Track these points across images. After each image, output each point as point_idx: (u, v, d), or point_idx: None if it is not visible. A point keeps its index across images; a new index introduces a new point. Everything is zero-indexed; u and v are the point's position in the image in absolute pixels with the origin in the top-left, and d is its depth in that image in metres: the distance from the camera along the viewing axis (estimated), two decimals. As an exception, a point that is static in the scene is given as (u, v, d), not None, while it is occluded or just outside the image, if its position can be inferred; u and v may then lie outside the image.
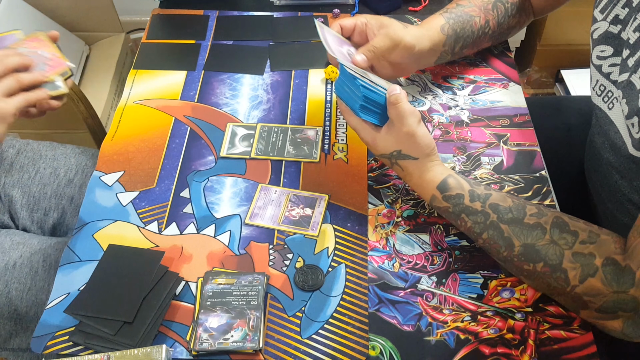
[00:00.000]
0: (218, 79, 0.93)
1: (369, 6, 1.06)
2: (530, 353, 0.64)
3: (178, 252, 0.72)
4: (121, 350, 0.60)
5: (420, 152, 0.68)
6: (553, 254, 0.61)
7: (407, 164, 0.69)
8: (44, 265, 0.75)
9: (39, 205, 0.87)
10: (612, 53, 0.70)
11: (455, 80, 0.92)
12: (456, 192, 0.67)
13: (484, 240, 0.66)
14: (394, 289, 0.69)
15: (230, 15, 1.04)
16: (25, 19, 1.58)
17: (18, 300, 0.74)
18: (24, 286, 0.74)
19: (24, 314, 0.74)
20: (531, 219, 0.63)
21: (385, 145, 0.69)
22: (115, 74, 1.71)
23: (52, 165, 0.89)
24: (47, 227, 0.87)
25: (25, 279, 0.75)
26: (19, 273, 0.75)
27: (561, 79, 1.79)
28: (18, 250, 0.77)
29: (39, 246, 0.77)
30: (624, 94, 0.65)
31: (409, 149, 0.68)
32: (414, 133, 0.67)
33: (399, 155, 0.69)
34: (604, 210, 0.81)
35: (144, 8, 1.77)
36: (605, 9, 0.71)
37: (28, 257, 0.76)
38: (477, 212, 0.66)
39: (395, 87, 0.67)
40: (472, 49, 0.89)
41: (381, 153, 0.71)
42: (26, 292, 0.74)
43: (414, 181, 0.70)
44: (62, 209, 0.88)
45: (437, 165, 0.69)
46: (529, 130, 0.85)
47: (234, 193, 0.78)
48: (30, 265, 0.75)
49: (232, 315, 0.64)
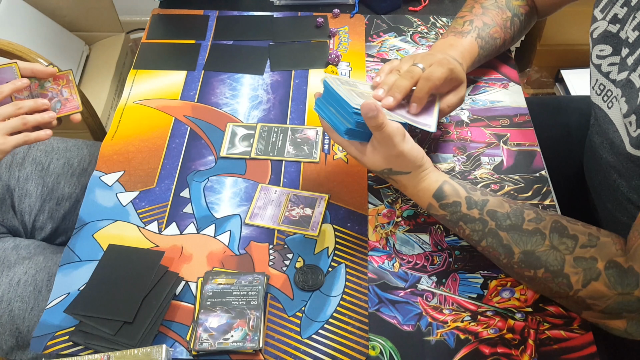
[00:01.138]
0: (218, 79, 0.93)
1: (369, 6, 1.06)
2: (530, 353, 0.64)
3: (178, 252, 0.72)
4: (121, 350, 0.60)
5: (411, 166, 0.66)
6: (554, 260, 0.61)
7: (400, 178, 0.68)
8: (47, 285, 0.75)
9: (53, 194, 0.87)
10: (611, 52, 0.70)
11: (455, 80, 0.92)
12: (453, 200, 0.66)
13: (483, 248, 0.66)
14: (394, 289, 0.69)
15: (230, 15, 1.04)
16: (25, 19, 1.58)
17: (20, 320, 0.74)
18: (26, 305, 0.74)
19: (26, 332, 0.74)
20: (530, 224, 0.63)
21: (374, 164, 0.67)
22: (115, 74, 1.71)
23: (65, 156, 0.91)
24: (58, 217, 0.88)
25: (29, 297, 0.75)
26: (23, 291, 0.75)
27: (561, 79, 1.79)
28: (23, 266, 0.77)
29: (44, 264, 0.77)
30: (623, 92, 0.65)
31: (399, 166, 0.66)
32: (401, 153, 0.64)
33: (390, 172, 0.67)
34: (603, 210, 0.81)
35: (144, 8, 1.77)
36: (605, 8, 0.71)
37: (33, 275, 0.76)
38: (475, 220, 0.65)
39: (371, 105, 0.60)
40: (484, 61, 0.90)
41: (372, 169, 0.68)
42: (29, 312, 0.74)
43: (409, 192, 0.69)
44: (76, 197, 0.88)
45: (431, 172, 0.67)
46: (529, 130, 0.85)
47: (234, 193, 0.78)
48: (34, 283, 0.75)
49: (232, 315, 0.64)
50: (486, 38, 0.84)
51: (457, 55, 0.78)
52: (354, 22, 1.03)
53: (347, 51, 0.97)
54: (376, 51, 0.98)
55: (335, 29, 1.01)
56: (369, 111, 0.60)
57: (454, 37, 0.82)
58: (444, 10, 1.06)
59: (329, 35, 1.00)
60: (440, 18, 1.03)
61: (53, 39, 1.64)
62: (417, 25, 1.02)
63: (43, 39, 1.60)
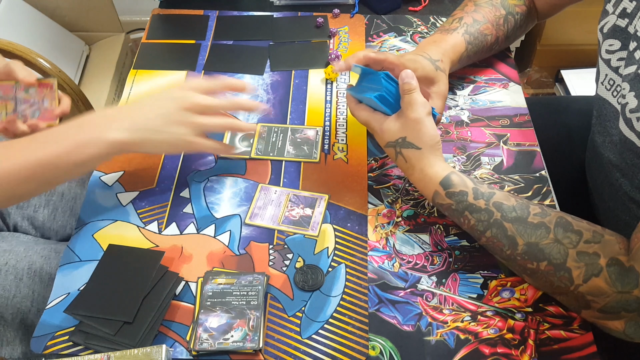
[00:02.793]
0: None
1: (369, 6, 1.06)
2: (530, 353, 0.64)
3: (178, 252, 0.72)
4: (121, 350, 0.60)
5: (425, 143, 0.68)
6: (557, 253, 0.61)
7: (411, 154, 0.69)
8: (28, 272, 0.76)
9: (52, 193, 0.87)
10: (620, 47, 0.70)
11: (455, 80, 0.92)
12: (460, 189, 0.67)
13: (487, 239, 0.66)
14: (394, 289, 0.69)
15: (230, 15, 1.04)
16: (26, 19, 1.58)
17: (3, 308, 0.74)
18: (8, 293, 0.75)
19: (11, 320, 0.74)
20: (535, 218, 0.63)
21: (391, 132, 0.70)
22: (115, 74, 1.71)
23: None
24: (57, 217, 0.87)
25: (10, 286, 0.75)
26: (4, 280, 0.75)
27: (561, 79, 1.79)
28: (4, 257, 0.77)
29: (24, 254, 0.78)
30: (632, 86, 0.65)
31: (414, 136, 0.68)
32: (421, 121, 0.68)
33: (404, 142, 0.69)
34: (605, 210, 0.81)
35: (144, 8, 1.77)
36: (616, 2, 0.71)
37: (13, 265, 0.76)
38: (481, 210, 0.66)
39: (409, 74, 0.68)
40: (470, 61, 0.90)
41: (387, 141, 0.71)
42: (10, 299, 0.74)
43: (415, 175, 0.70)
44: (74, 197, 0.88)
45: (440, 161, 0.69)
46: (529, 130, 0.85)
47: (234, 193, 0.78)
48: (15, 272, 0.76)
49: (232, 315, 0.64)
50: (475, 34, 0.84)
51: (436, 53, 0.79)
52: (354, 22, 1.03)
53: (347, 51, 0.97)
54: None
55: (335, 29, 1.01)
56: (406, 77, 0.68)
57: (440, 34, 0.84)
58: (444, 10, 1.06)
59: (329, 35, 1.00)
60: (441, 18, 1.03)
61: (53, 39, 1.64)
62: (417, 25, 1.02)
63: (43, 39, 1.60)
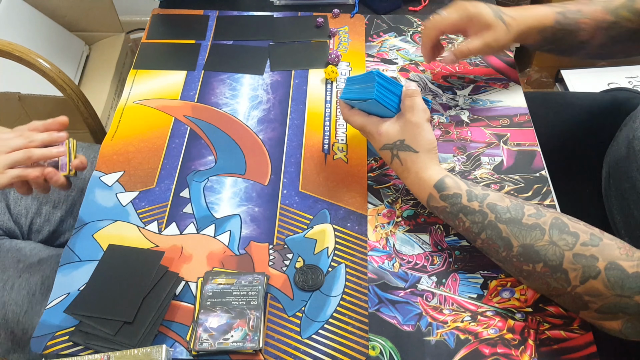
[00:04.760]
0: (218, 79, 0.93)
1: (369, 6, 1.06)
2: (530, 353, 0.64)
3: (178, 252, 0.72)
4: (121, 350, 0.60)
5: (422, 146, 0.69)
6: (553, 255, 0.61)
7: (407, 157, 0.69)
8: (41, 288, 0.75)
9: (49, 197, 0.87)
10: None
11: (455, 80, 0.92)
12: (454, 192, 0.67)
13: (482, 241, 0.66)
14: (394, 289, 0.69)
15: (230, 15, 1.04)
16: (26, 19, 1.58)
17: (14, 323, 0.74)
18: (20, 309, 0.74)
19: (20, 335, 0.74)
20: (529, 219, 0.63)
21: (389, 134, 0.70)
22: (115, 74, 1.71)
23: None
24: (55, 219, 0.87)
25: (23, 301, 0.75)
26: (17, 295, 0.75)
27: (561, 78, 1.79)
28: (17, 270, 0.77)
29: (38, 267, 0.77)
30: None
31: (412, 139, 0.69)
32: (421, 125, 0.69)
33: (402, 145, 0.69)
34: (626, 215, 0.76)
35: (144, 8, 1.77)
36: None
37: (27, 279, 0.76)
38: (475, 212, 0.66)
39: (412, 84, 0.70)
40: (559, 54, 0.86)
41: (384, 143, 0.71)
42: (22, 315, 0.74)
43: (410, 178, 0.70)
44: (72, 199, 0.88)
45: (436, 165, 0.70)
46: (529, 130, 0.85)
47: (234, 193, 0.78)
48: (28, 287, 0.75)
49: (232, 315, 0.64)
50: (570, 19, 0.79)
51: (513, 11, 0.78)
52: (354, 22, 1.03)
53: (347, 51, 0.97)
54: (376, 51, 0.98)
55: (335, 29, 1.01)
56: (409, 86, 0.70)
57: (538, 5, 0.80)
58: (444, 10, 1.06)
59: (329, 35, 1.00)
60: (440, 18, 1.03)
61: (53, 39, 1.64)
62: (417, 25, 1.02)
63: (43, 39, 1.60)
